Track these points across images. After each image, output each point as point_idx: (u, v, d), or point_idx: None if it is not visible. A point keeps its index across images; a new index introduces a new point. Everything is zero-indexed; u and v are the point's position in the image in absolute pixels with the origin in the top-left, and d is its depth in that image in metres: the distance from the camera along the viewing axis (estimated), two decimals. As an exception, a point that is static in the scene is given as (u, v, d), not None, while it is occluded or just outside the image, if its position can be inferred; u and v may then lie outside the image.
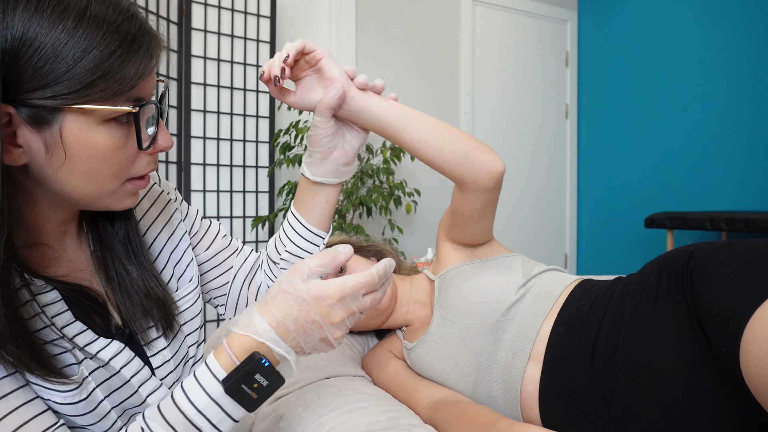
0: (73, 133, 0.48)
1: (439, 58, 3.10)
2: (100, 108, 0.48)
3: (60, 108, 0.47)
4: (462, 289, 0.89)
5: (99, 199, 0.54)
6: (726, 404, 0.62)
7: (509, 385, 0.81)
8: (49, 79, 0.45)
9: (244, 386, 0.52)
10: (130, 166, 0.54)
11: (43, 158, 0.49)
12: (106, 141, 0.50)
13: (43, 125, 0.47)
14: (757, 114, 2.63)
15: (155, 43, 0.52)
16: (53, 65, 0.45)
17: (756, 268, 0.61)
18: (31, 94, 0.46)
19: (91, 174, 0.51)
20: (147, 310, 0.63)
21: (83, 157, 0.50)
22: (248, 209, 2.51)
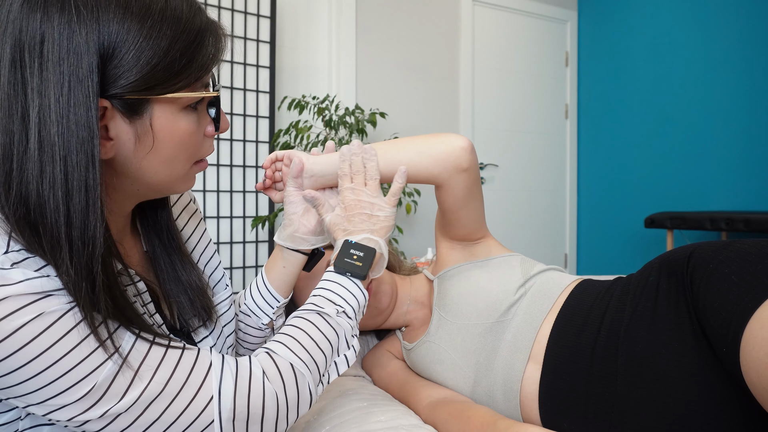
0: (161, 122, 0.53)
1: (439, 58, 3.10)
2: (187, 95, 0.54)
3: (150, 99, 0.52)
4: (461, 290, 0.89)
5: (171, 184, 0.60)
6: (726, 404, 0.62)
7: (509, 385, 0.81)
8: (142, 72, 0.50)
9: (346, 258, 0.69)
10: (199, 150, 0.60)
11: (132, 148, 0.53)
12: (186, 126, 0.56)
13: (136, 116, 0.52)
14: (757, 114, 2.63)
15: (221, 31, 0.57)
16: (149, 55, 0.49)
17: (756, 269, 0.61)
18: (126, 88, 0.50)
19: (171, 159, 0.56)
20: (191, 300, 0.68)
21: (167, 143, 0.55)
22: (248, 209, 2.51)
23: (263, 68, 2.46)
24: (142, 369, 0.50)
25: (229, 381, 0.54)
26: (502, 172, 3.38)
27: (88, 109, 0.48)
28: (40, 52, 0.47)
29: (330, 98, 2.54)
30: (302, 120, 2.38)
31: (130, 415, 0.49)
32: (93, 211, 0.49)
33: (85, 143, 0.48)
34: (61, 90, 0.47)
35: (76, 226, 0.48)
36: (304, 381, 0.59)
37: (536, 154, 3.52)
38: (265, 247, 2.56)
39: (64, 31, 0.47)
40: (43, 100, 0.47)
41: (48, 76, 0.47)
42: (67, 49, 0.47)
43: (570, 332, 0.78)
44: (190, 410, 0.52)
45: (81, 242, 0.49)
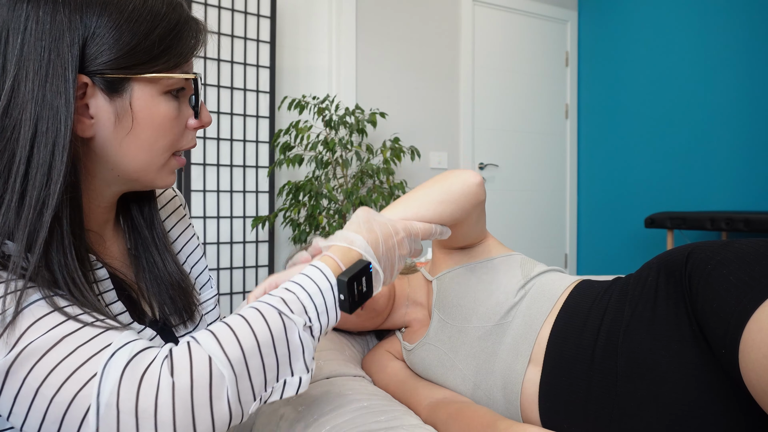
0: (140, 103, 0.55)
1: (439, 58, 3.10)
2: (166, 76, 0.55)
3: (131, 78, 0.54)
4: (460, 292, 0.88)
5: (149, 173, 0.60)
6: (726, 405, 0.62)
7: (509, 387, 0.81)
8: (124, 51, 0.52)
9: (356, 283, 0.56)
10: (179, 140, 0.61)
11: (111, 128, 0.55)
12: (166, 111, 0.57)
13: (116, 94, 0.53)
14: (757, 114, 2.63)
15: (200, 26, 0.60)
16: (128, 38, 0.52)
17: (754, 269, 0.61)
18: (107, 65, 0.52)
19: (150, 143, 0.57)
20: (173, 298, 0.67)
21: (146, 126, 0.56)
22: (248, 209, 2.51)
23: (263, 68, 2.46)
24: (31, 329, 0.45)
25: (118, 366, 0.44)
26: (502, 172, 3.38)
27: (65, 79, 0.50)
28: (24, 29, 0.49)
29: (330, 98, 2.54)
30: (302, 120, 2.38)
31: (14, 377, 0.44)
32: (56, 174, 0.50)
33: (59, 111, 0.49)
34: (40, 62, 0.49)
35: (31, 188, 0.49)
36: (221, 386, 0.47)
37: (536, 154, 3.52)
38: (265, 247, 2.56)
39: (48, 11, 0.49)
40: (19, 71, 0.49)
41: (29, 49, 0.49)
42: (50, 26, 0.49)
43: (570, 334, 0.78)
44: (68, 386, 0.43)
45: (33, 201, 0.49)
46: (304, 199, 2.29)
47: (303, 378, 0.54)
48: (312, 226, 2.26)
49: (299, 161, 2.29)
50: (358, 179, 2.37)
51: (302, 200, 2.29)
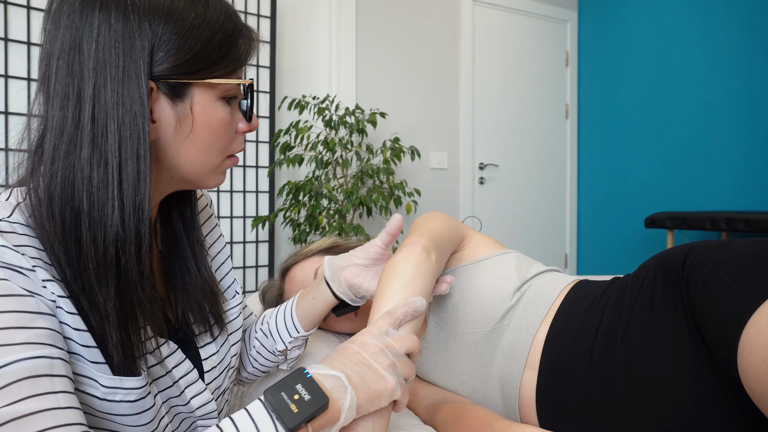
0: (200, 107, 0.57)
1: (439, 58, 3.09)
2: (224, 82, 0.58)
3: (192, 83, 0.56)
4: (456, 297, 0.86)
5: (203, 175, 0.62)
6: (725, 408, 0.62)
7: (507, 392, 0.80)
8: (187, 57, 0.54)
9: (284, 394, 0.49)
10: (231, 143, 0.63)
11: (172, 131, 0.57)
12: (222, 115, 0.59)
13: (178, 99, 0.56)
14: (757, 114, 2.63)
15: (253, 34, 0.62)
16: (191, 44, 0.54)
17: (751, 271, 0.60)
18: (171, 70, 0.54)
19: (206, 146, 0.59)
20: (201, 306, 0.68)
21: (204, 129, 0.58)
22: (248, 209, 2.51)
23: (263, 68, 2.46)
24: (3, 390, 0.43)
25: None
26: (502, 172, 3.38)
27: (139, 85, 0.52)
28: (97, 37, 0.51)
29: (330, 98, 2.54)
30: (302, 120, 2.38)
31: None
32: (143, 179, 0.53)
33: (137, 116, 0.52)
34: (116, 68, 0.51)
35: (127, 193, 0.52)
36: None
37: (536, 154, 3.51)
38: (265, 247, 2.56)
39: (120, 19, 0.51)
40: (98, 78, 0.51)
41: (104, 56, 0.51)
42: (122, 34, 0.51)
43: (566, 337, 0.77)
44: None
45: (133, 207, 0.52)
46: (304, 199, 2.29)
47: None
48: (312, 226, 2.26)
49: (299, 161, 2.29)
50: (358, 179, 2.37)
51: (302, 200, 2.29)
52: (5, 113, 1.98)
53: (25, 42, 2.01)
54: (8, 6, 1.97)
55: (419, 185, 2.95)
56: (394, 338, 0.60)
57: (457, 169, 3.18)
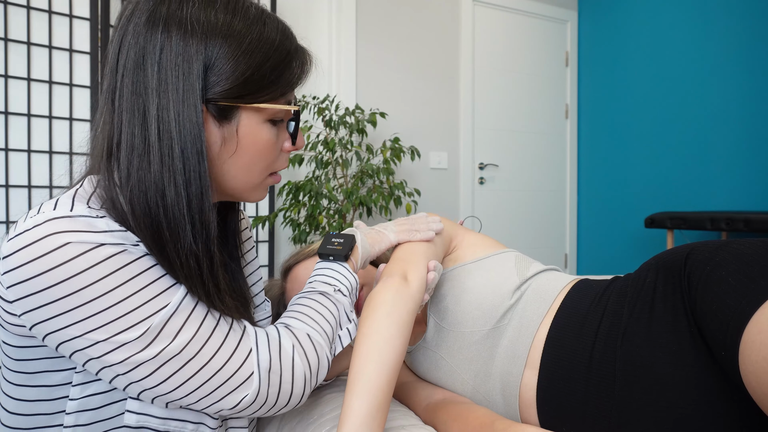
0: (246, 129, 0.60)
1: (439, 58, 3.09)
2: (271, 107, 0.60)
3: (239, 107, 0.58)
4: (455, 296, 0.86)
5: (245, 191, 0.66)
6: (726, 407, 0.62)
7: (507, 391, 0.80)
8: (238, 81, 0.57)
9: (328, 245, 0.77)
10: (275, 162, 0.66)
11: (217, 150, 0.60)
12: (267, 137, 0.62)
13: (225, 121, 0.58)
14: (757, 114, 2.63)
15: (309, 55, 0.65)
16: (243, 69, 0.57)
17: (753, 270, 0.60)
18: (222, 94, 0.56)
19: (249, 166, 0.62)
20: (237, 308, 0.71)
21: (248, 150, 0.61)
22: (248, 209, 2.51)
23: (263, 68, 2.46)
24: (191, 317, 0.56)
25: (264, 346, 0.60)
26: (502, 172, 3.38)
27: (196, 108, 0.55)
28: (159, 58, 0.54)
29: (330, 98, 2.54)
30: (302, 120, 2.38)
31: (181, 358, 0.54)
32: (206, 197, 0.56)
33: (196, 139, 0.55)
34: (176, 91, 0.54)
35: (195, 211, 0.56)
36: (322, 350, 0.66)
37: (536, 154, 3.52)
38: (265, 247, 2.56)
39: (180, 42, 0.54)
40: (161, 99, 0.54)
41: (165, 78, 0.54)
42: (182, 57, 0.54)
43: (567, 336, 0.77)
44: (235, 358, 0.58)
45: (200, 224, 0.56)
46: (304, 199, 2.29)
47: (349, 328, 0.71)
48: (312, 226, 2.26)
49: (299, 161, 2.29)
50: (358, 179, 2.37)
51: (302, 200, 2.29)
52: (5, 113, 1.98)
53: (25, 42, 2.01)
54: (8, 6, 1.97)
55: (419, 185, 2.95)
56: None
57: (457, 169, 3.19)
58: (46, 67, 2.06)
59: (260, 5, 0.62)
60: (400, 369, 0.73)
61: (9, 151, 2.01)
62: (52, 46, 2.06)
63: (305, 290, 0.72)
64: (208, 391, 0.57)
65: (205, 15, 0.56)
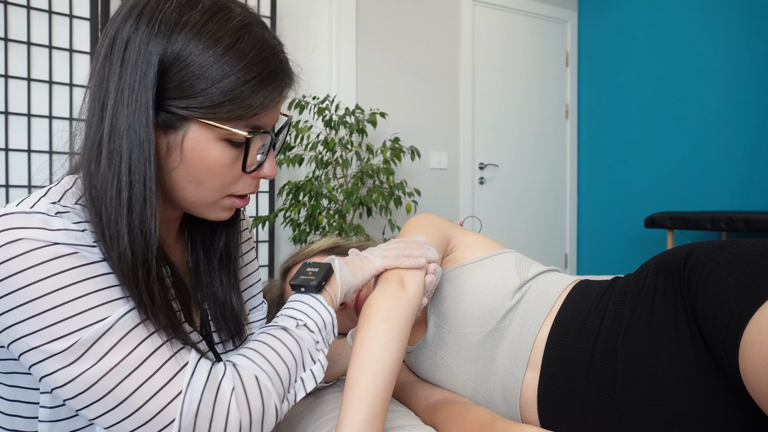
0: (191, 143, 0.56)
1: (439, 58, 3.09)
2: (221, 127, 0.55)
3: (188, 118, 0.55)
4: (455, 296, 0.85)
5: (198, 207, 0.62)
6: (726, 407, 0.62)
7: (508, 392, 0.80)
8: (187, 93, 0.53)
9: (301, 275, 0.71)
10: (232, 184, 0.61)
11: (162, 157, 0.56)
12: (218, 156, 0.57)
13: (170, 129, 0.55)
14: (757, 114, 2.63)
15: (286, 83, 0.60)
16: (195, 82, 0.53)
17: (753, 270, 0.60)
18: (170, 102, 0.54)
19: (197, 182, 0.58)
20: (224, 317, 0.70)
21: (193, 166, 0.57)
22: (248, 209, 2.50)
23: (263, 68, 2.46)
24: (125, 339, 0.51)
25: (198, 387, 0.54)
26: (502, 172, 3.38)
27: (147, 111, 0.53)
28: (124, 52, 0.53)
29: (330, 98, 2.54)
30: (302, 120, 2.38)
31: (99, 388, 0.50)
32: (149, 204, 0.54)
33: (143, 142, 0.53)
34: (131, 89, 0.52)
35: (136, 216, 0.53)
36: (269, 396, 0.59)
37: (536, 154, 3.52)
38: (265, 247, 2.56)
39: (144, 40, 0.52)
40: (118, 93, 0.53)
41: (125, 75, 0.52)
42: (143, 56, 0.52)
43: (568, 337, 0.77)
44: (158, 399, 0.52)
45: (140, 231, 0.53)
46: (304, 199, 2.29)
47: (314, 370, 0.65)
48: (312, 226, 2.26)
49: (299, 161, 2.29)
50: (358, 179, 2.37)
51: (302, 200, 2.29)
52: (5, 113, 1.98)
53: (25, 42, 2.01)
54: (8, 6, 1.97)
55: (419, 185, 2.95)
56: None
57: (457, 169, 3.18)
58: (46, 67, 2.06)
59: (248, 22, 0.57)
60: (397, 375, 0.71)
61: (9, 151, 2.01)
62: (52, 46, 2.06)
63: (269, 324, 0.66)
64: (126, 430, 0.51)
65: (177, 15, 0.53)
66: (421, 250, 0.79)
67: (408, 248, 0.78)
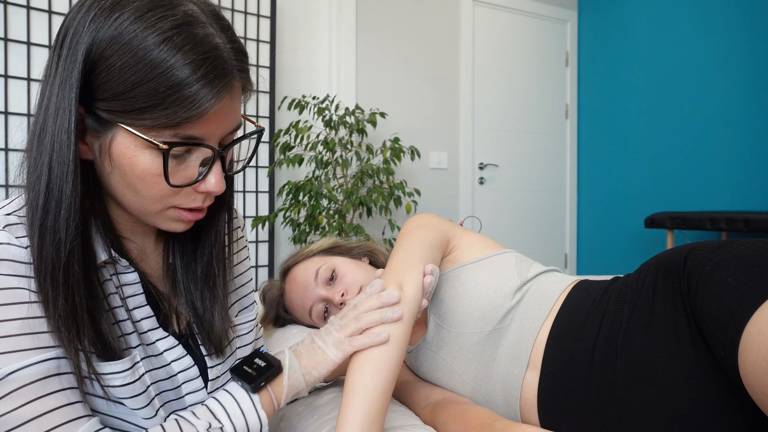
0: (119, 148, 0.52)
1: (439, 58, 3.09)
2: (138, 134, 0.51)
3: (113, 122, 0.51)
4: (456, 296, 0.85)
5: (145, 215, 0.58)
6: (726, 407, 0.62)
7: (508, 392, 0.80)
8: (108, 94, 0.50)
9: (245, 365, 0.63)
10: (172, 196, 0.56)
11: (98, 160, 0.55)
12: (147, 165, 0.53)
13: (99, 133, 0.53)
14: (757, 114, 2.63)
15: (221, 92, 0.52)
16: (115, 83, 0.49)
17: (753, 270, 0.61)
18: (96, 103, 0.51)
19: (134, 190, 0.54)
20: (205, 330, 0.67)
21: (126, 172, 0.53)
22: (248, 209, 2.51)
23: (263, 68, 2.46)
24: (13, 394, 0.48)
25: None
26: (502, 172, 3.38)
27: (70, 113, 0.50)
28: (62, 42, 0.51)
29: (330, 98, 2.54)
30: (302, 120, 2.38)
31: None
32: (65, 209, 0.51)
33: (64, 145, 0.51)
34: (60, 87, 0.50)
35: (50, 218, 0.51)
36: None
37: (536, 154, 3.52)
38: (265, 247, 2.56)
39: (80, 29, 0.50)
40: (51, 89, 0.51)
41: (59, 71, 0.50)
42: (74, 50, 0.50)
43: (568, 337, 0.77)
44: None
45: (52, 234, 0.51)
46: (304, 199, 2.29)
47: None
48: (312, 226, 2.26)
49: (299, 161, 2.29)
50: (358, 179, 2.37)
51: (302, 200, 2.29)
52: (5, 113, 1.98)
53: (25, 42, 2.01)
54: (8, 6, 1.97)
55: (419, 185, 2.95)
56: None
57: (457, 169, 3.18)
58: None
59: (193, 18, 0.51)
60: (396, 379, 0.70)
61: (9, 151, 2.01)
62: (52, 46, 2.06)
63: (184, 412, 0.59)
64: None
65: (113, 8, 0.49)
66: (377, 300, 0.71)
67: (361, 317, 0.69)
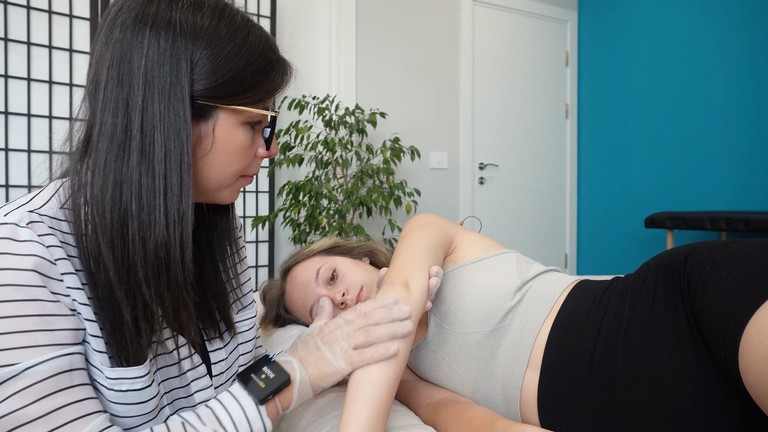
0: (222, 130, 0.60)
1: (439, 58, 3.09)
2: (249, 110, 0.61)
3: (218, 107, 0.59)
4: (456, 296, 0.86)
5: (217, 191, 0.65)
6: (726, 407, 0.62)
7: (508, 391, 0.80)
8: (218, 83, 0.58)
9: (253, 374, 0.63)
10: (248, 165, 0.66)
11: (193, 148, 0.59)
12: (243, 139, 0.62)
13: (203, 119, 0.59)
14: (757, 114, 2.63)
15: (288, 69, 0.66)
16: (224, 71, 0.58)
17: (753, 270, 0.61)
18: (201, 93, 0.57)
19: (223, 167, 0.62)
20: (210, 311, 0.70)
21: (223, 151, 0.61)
22: (248, 209, 2.51)
23: (263, 68, 2.46)
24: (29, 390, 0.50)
25: None
26: (502, 172, 3.38)
27: (183, 103, 0.56)
28: (147, 53, 0.55)
29: (330, 98, 2.54)
30: (302, 120, 2.38)
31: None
32: (185, 191, 0.56)
33: (181, 132, 0.56)
34: (164, 84, 0.55)
35: (172, 201, 0.56)
36: None
37: (536, 154, 3.52)
38: (265, 247, 2.56)
39: (169, 40, 0.56)
40: (147, 91, 0.55)
41: (153, 72, 0.55)
42: (170, 53, 0.56)
43: (568, 337, 0.77)
44: None
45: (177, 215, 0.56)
46: (304, 199, 2.29)
47: None
48: (312, 226, 2.26)
49: (299, 161, 2.29)
50: (358, 179, 2.37)
51: (302, 200, 2.29)
52: (5, 113, 1.98)
53: (25, 42, 2.01)
54: (8, 6, 1.97)
55: (419, 185, 2.95)
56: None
57: (457, 169, 3.19)
58: (46, 67, 2.06)
59: (246, 15, 0.64)
60: (400, 378, 0.70)
61: (9, 151, 2.01)
62: (52, 46, 2.06)
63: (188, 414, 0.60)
64: None
65: (192, 17, 0.57)
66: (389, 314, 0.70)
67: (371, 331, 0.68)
